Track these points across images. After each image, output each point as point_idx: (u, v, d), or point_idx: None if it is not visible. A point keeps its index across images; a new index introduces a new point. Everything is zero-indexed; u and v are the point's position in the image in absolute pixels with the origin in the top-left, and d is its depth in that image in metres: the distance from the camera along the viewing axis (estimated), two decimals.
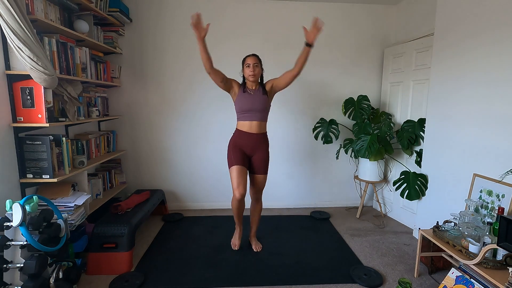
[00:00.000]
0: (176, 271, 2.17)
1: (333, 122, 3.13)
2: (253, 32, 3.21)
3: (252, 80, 2.26)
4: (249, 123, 2.27)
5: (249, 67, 2.22)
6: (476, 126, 2.08)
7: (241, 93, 2.27)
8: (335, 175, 3.52)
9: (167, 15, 3.12)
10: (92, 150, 2.66)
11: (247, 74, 2.24)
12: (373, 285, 2.00)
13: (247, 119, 2.27)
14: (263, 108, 2.27)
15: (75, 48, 2.29)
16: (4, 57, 1.85)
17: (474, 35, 2.09)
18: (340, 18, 3.27)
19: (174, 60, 3.19)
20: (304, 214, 3.31)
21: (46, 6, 2.03)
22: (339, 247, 2.56)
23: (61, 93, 2.12)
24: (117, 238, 2.17)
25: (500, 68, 1.89)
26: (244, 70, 2.27)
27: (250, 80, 2.27)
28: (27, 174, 1.98)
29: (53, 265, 1.76)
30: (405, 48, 2.99)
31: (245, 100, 2.25)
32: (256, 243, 2.54)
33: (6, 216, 1.64)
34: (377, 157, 2.93)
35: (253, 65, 2.22)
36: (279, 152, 3.39)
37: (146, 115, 3.26)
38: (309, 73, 3.30)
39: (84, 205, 2.22)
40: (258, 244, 2.52)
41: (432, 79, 2.50)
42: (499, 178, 1.85)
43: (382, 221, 3.12)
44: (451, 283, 1.71)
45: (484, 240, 1.65)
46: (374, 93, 3.41)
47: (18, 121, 1.92)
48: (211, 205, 3.43)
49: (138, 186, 3.34)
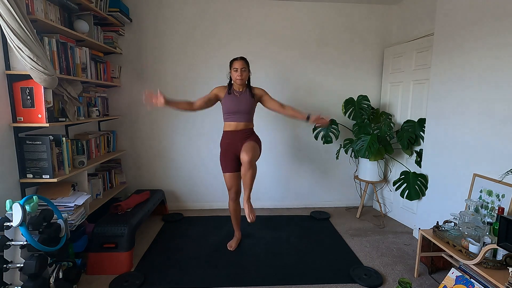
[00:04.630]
0: (176, 271, 2.17)
1: (333, 122, 3.13)
2: (253, 33, 3.20)
3: (239, 84, 2.30)
4: (235, 124, 2.32)
5: (236, 71, 2.26)
6: (476, 126, 2.08)
7: (227, 95, 2.31)
8: (335, 175, 3.52)
9: (167, 15, 3.12)
10: (92, 150, 2.66)
11: (235, 77, 2.28)
12: (373, 285, 2.00)
13: (233, 120, 2.31)
14: (249, 109, 2.32)
15: (75, 48, 2.29)
16: (4, 57, 1.85)
17: (474, 35, 2.09)
18: (340, 18, 3.27)
19: (174, 60, 3.18)
20: (304, 214, 3.31)
21: (46, 6, 2.02)
22: (339, 247, 2.56)
23: (61, 93, 2.12)
24: (117, 238, 2.17)
25: (500, 68, 1.89)
26: (232, 73, 2.31)
27: (237, 83, 2.30)
28: (27, 174, 1.98)
29: (53, 265, 1.76)
30: (405, 48, 2.99)
31: (231, 101, 2.29)
32: (250, 209, 2.17)
33: (6, 216, 1.64)
34: (377, 157, 2.93)
35: (240, 70, 2.25)
36: (279, 152, 3.39)
37: (146, 115, 3.26)
38: (309, 73, 3.30)
39: (84, 205, 2.22)
40: (252, 212, 2.17)
41: (432, 79, 2.50)
42: (499, 178, 1.85)
43: (382, 221, 3.12)
44: (451, 283, 1.71)
45: (484, 240, 1.65)
46: (374, 93, 3.41)
47: (18, 121, 1.92)
48: (211, 205, 3.43)
49: (138, 186, 3.34)
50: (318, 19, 3.25)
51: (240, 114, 2.29)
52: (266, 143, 3.17)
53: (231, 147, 2.33)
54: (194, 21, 3.14)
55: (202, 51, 3.17)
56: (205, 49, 3.18)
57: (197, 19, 3.15)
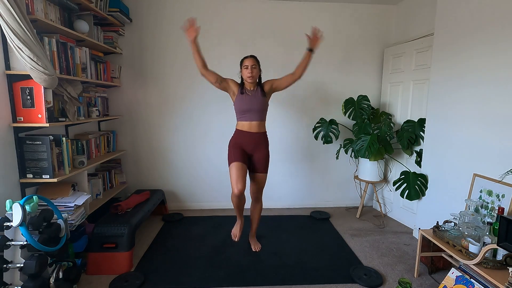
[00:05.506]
0: (176, 271, 2.17)
1: (333, 122, 3.13)
2: (254, 32, 3.21)
3: (250, 82, 2.27)
4: (248, 123, 2.29)
5: (247, 69, 2.24)
6: (476, 126, 2.08)
7: (240, 95, 2.29)
8: (335, 175, 3.52)
9: (167, 15, 3.12)
10: (92, 150, 2.66)
11: (245, 75, 2.25)
12: (373, 285, 2.00)
13: (247, 119, 2.29)
14: (262, 108, 2.30)
15: (75, 48, 2.29)
16: (4, 57, 1.85)
17: (474, 35, 2.09)
18: (340, 18, 3.28)
19: (174, 60, 3.18)
20: (304, 214, 3.31)
21: (46, 6, 2.02)
22: (339, 247, 2.56)
23: (61, 93, 2.12)
24: (117, 238, 2.17)
25: (500, 68, 1.89)
26: (242, 72, 2.28)
27: (248, 82, 2.28)
28: (27, 174, 1.98)
29: (53, 265, 1.76)
30: (405, 48, 2.99)
31: (244, 101, 2.27)
32: (255, 243, 2.54)
33: (6, 216, 1.64)
34: (377, 157, 2.93)
35: (251, 67, 2.23)
36: (279, 152, 3.39)
37: (146, 115, 3.26)
38: (309, 73, 3.28)
39: (84, 205, 2.22)
40: (257, 244, 2.52)
41: (432, 79, 2.50)
42: (499, 178, 1.85)
43: (382, 221, 3.12)
44: (451, 283, 1.71)
45: (484, 240, 1.65)
46: (374, 93, 3.41)
47: (18, 121, 1.92)
48: (211, 205, 3.43)
49: (138, 186, 3.34)
50: (317, 19, 3.24)
51: (252, 112, 2.27)
52: None
53: (242, 145, 2.30)
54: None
55: (202, 51, 3.16)
56: (205, 48, 3.17)
57: (197, 19, 3.13)
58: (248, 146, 2.30)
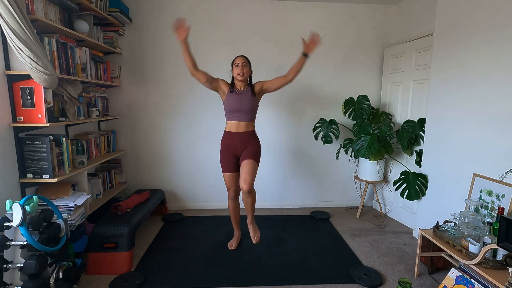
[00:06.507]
0: (176, 271, 2.17)
1: (333, 122, 3.13)
2: (253, 34, 3.20)
3: (240, 80, 2.27)
4: (237, 123, 2.31)
5: (237, 67, 2.25)
6: (476, 126, 2.08)
7: (229, 94, 2.29)
8: (335, 175, 3.52)
9: (167, 15, 3.12)
10: (92, 150, 2.66)
11: (236, 73, 2.27)
12: (373, 285, 2.00)
13: (236, 119, 2.30)
14: (251, 108, 2.30)
15: (75, 48, 2.29)
16: (4, 57, 1.85)
17: (474, 35, 2.09)
18: (340, 18, 3.27)
19: (174, 60, 3.18)
20: (304, 214, 3.31)
21: (46, 6, 2.02)
22: (339, 247, 2.56)
23: (61, 93, 2.12)
24: (117, 238, 2.17)
25: (500, 68, 1.89)
26: (233, 70, 2.30)
27: (238, 80, 2.28)
28: (27, 174, 1.98)
29: (53, 265, 1.76)
30: (405, 48, 2.99)
31: (233, 100, 2.27)
32: (255, 230, 2.40)
33: (6, 216, 1.64)
34: (377, 157, 2.93)
35: (241, 64, 2.24)
36: (279, 152, 3.39)
37: (146, 115, 3.26)
38: (309, 73, 3.29)
39: (84, 205, 2.22)
40: (256, 232, 2.39)
41: (432, 79, 2.50)
42: (499, 178, 1.85)
43: (382, 221, 3.12)
44: (451, 283, 1.71)
45: (484, 240, 1.65)
46: (374, 93, 3.41)
47: (18, 121, 1.92)
48: (211, 205, 3.43)
49: (138, 186, 3.34)
50: (317, 20, 3.24)
51: (241, 112, 2.28)
52: (266, 143, 3.18)
53: (231, 148, 2.33)
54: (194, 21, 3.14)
55: (202, 50, 3.17)
56: (205, 48, 3.18)
57: (197, 19, 3.14)
58: (237, 148, 2.32)
